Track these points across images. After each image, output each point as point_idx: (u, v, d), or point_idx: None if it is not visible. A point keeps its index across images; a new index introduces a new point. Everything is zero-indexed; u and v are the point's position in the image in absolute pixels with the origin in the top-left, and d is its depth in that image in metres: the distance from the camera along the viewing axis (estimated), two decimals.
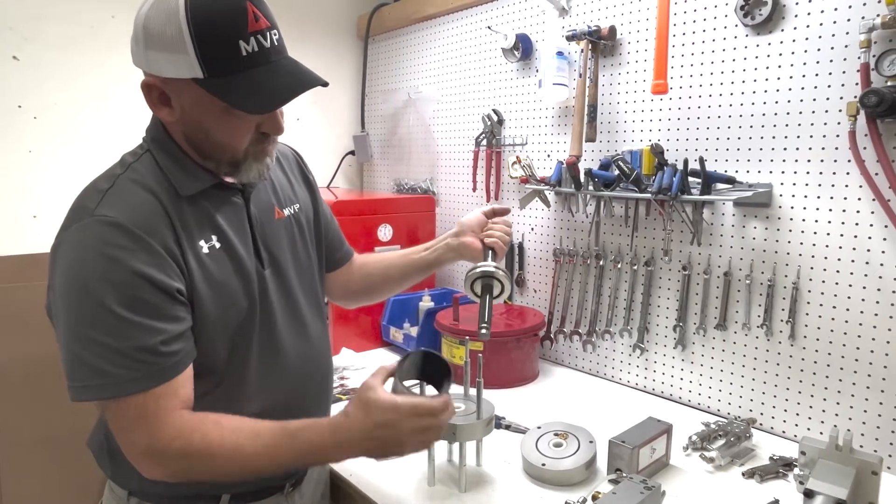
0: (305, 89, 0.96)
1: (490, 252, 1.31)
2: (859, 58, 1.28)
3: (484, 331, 1.19)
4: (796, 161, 1.42)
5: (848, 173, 1.34)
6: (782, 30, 1.42)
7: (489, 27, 2.06)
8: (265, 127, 1.00)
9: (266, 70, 0.93)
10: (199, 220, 1.01)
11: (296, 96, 0.95)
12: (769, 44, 1.45)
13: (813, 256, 1.41)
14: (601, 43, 1.74)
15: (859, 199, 1.33)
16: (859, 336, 1.35)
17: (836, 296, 1.38)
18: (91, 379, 0.90)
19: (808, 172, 1.41)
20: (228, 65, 0.90)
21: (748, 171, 1.51)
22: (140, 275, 0.90)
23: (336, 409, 1.48)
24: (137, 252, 0.91)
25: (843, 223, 1.36)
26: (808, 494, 1.07)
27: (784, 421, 1.49)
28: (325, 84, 0.98)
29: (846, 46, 1.32)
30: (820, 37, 1.36)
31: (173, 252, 0.95)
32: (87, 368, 0.90)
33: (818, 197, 1.39)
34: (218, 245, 1.02)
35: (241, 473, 0.96)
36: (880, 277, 1.31)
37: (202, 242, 1.00)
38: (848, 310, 1.37)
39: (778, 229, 1.46)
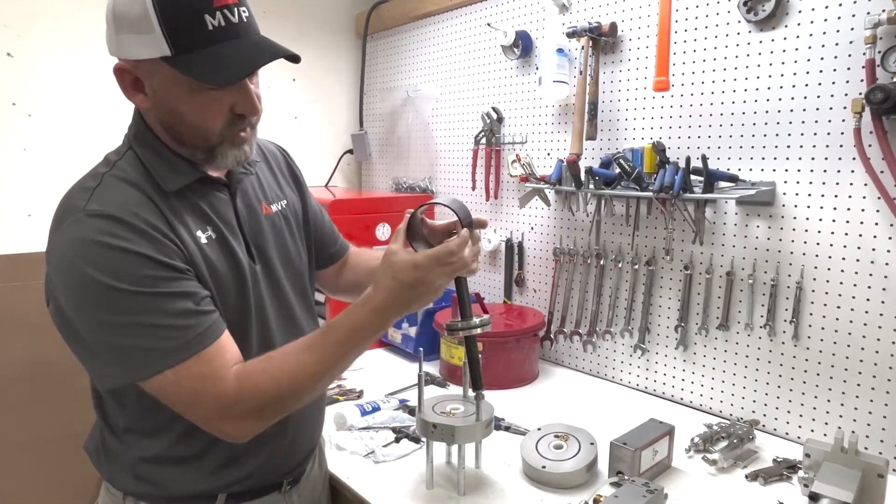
0: (268, 60, 0.93)
1: (459, 281, 1.14)
2: (864, 54, 1.26)
3: (480, 396, 1.16)
4: (800, 159, 1.40)
5: (853, 171, 1.32)
6: (786, 26, 1.40)
7: (489, 24, 2.04)
8: (239, 107, 0.96)
9: (232, 45, 0.91)
10: (192, 213, 1.00)
11: (259, 67, 0.93)
12: (772, 40, 1.43)
13: (817, 255, 1.39)
14: (602, 40, 1.72)
15: (864, 197, 1.31)
16: (864, 336, 1.34)
17: (840, 295, 1.37)
18: (132, 360, 0.89)
19: (812, 170, 1.39)
20: (194, 40, 0.89)
21: (751, 169, 1.49)
22: (142, 255, 0.89)
23: (331, 410, 1.49)
24: (134, 239, 0.89)
25: (847, 222, 1.34)
26: (814, 497, 1.05)
27: (788, 422, 1.47)
28: (294, 57, 0.95)
29: (851, 42, 1.30)
30: (824, 33, 1.34)
31: (171, 238, 0.94)
32: (124, 352, 0.89)
33: (822, 195, 1.38)
34: (214, 236, 1.01)
35: (313, 389, 1.00)
36: (885, 277, 1.30)
37: (199, 233, 0.99)
38: (853, 309, 1.35)
39: (781, 228, 1.45)
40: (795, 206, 1.42)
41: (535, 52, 1.96)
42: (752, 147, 1.48)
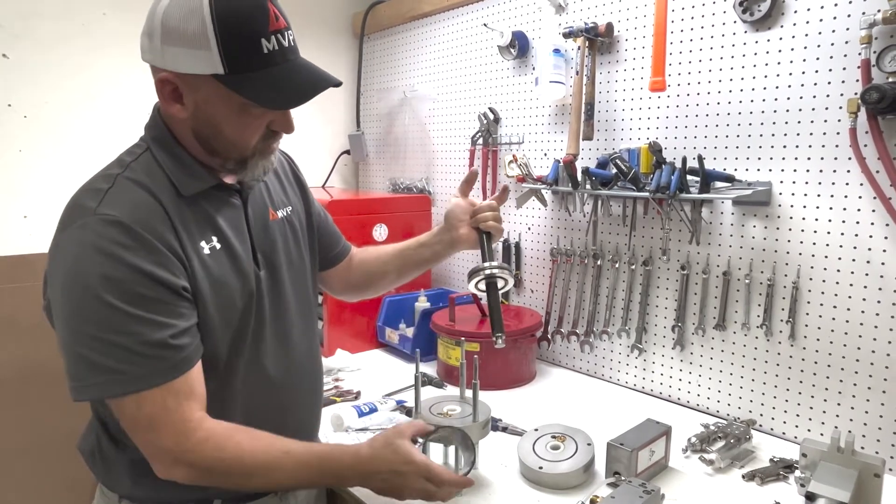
0: (324, 88, 0.98)
1: (486, 236, 1.30)
2: (860, 54, 1.26)
3: (500, 341, 1.17)
4: (796, 159, 1.41)
5: (848, 171, 1.32)
6: (781, 26, 1.40)
7: (485, 25, 2.04)
8: (276, 125, 1.01)
9: (284, 69, 0.95)
10: (199, 220, 1.00)
11: (316, 94, 0.97)
12: (768, 40, 1.43)
13: (813, 255, 1.39)
14: (598, 40, 1.72)
15: (860, 197, 1.31)
16: (860, 336, 1.34)
17: (836, 295, 1.37)
18: (96, 377, 0.90)
19: (808, 170, 1.39)
20: (249, 62, 0.91)
21: (747, 170, 1.49)
22: (142, 272, 0.90)
23: (328, 411, 1.48)
24: (139, 250, 0.90)
25: (843, 222, 1.34)
26: (810, 497, 1.05)
27: (784, 422, 1.47)
28: (338, 84, 1.00)
29: (846, 42, 1.30)
30: (820, 33, 1.34)
31: (176, 251, 0.95)
32: (92, 367, 0.89)
33: (818, 195, 1.38)
34: (218, 246, 1.02)
35: (264, 486, 1.00)
36: (881, 276, 1.30)
37: (203, 243, 1.00)
38: (849, 309, 1.35)
39: (777, 228, 1.45)
40: (792, 206, 1.42)
41: (532, 52, 1.96)
42: (749, 147, 1.49)
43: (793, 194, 1.42)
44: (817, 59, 1.35)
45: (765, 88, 1.44)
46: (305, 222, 1.25)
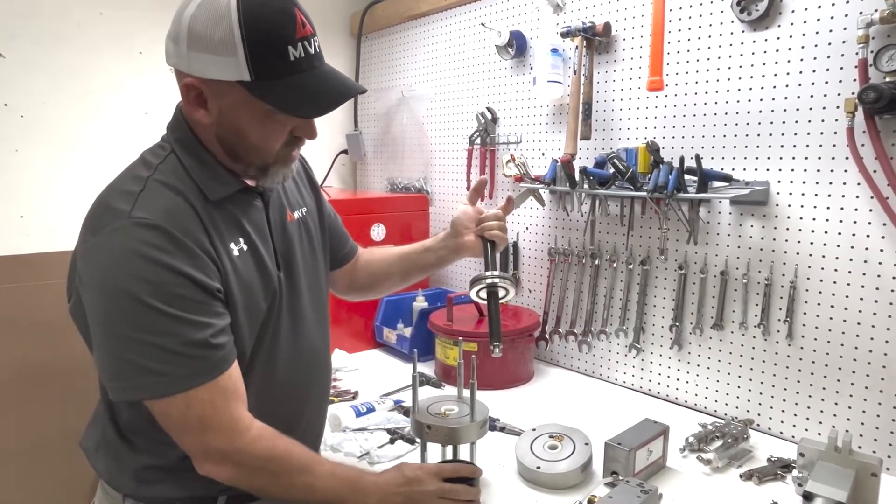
0: (351, 96, 1.00)
1: (490, 245, 1.31)
2: (857, 53, 1.26)
3: (497, 350, 1.19)
4: (793, 158, 1.41)
5: (846, 171, 1.32)
6: (779, 25, 1.41)
7: (483, 24, 2.04)
8: (299, 131, 1.01)
9: (310, 76, 0.94)
10: (227, 223, 1.01)
11: (343, 102, 0.98)
12: (766, 40, 1.43)
13: (811, 255, 1.40)
14: (596, 40, 1.72)
15: (857, 196, 1.32)
16: (858, 335, 1.34)
17: (833, 295, 1.37)
18: (141, 378, 0.90)
19: (805, 170, 1.39)
20: (276, 69, 0.91)
21: (745, 169, 1.49)
22: (181, 274, 0.90)
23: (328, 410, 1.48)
24: (176, 253, 0.91)
25: (840, 221, 1.34)
26: (808, 497, 1.05)
27: (782, 422, 1.47)
28: (364, 91, 1.02)
29: (844, 42, 1.31)
30: (817, 32, 1.35)
31: (210, 253, 0.95)
32: (136, 369, 0.90)
33: (816, 195, 1.38)
34: (245, 248, 1.03)
35: (302, 489, 1.00)
36: (878, 276, 1.30)
37: (232, 245, 1.01)
38: (846, 309, 1.35)
39: (775, 227, 1.45)
40: (789, 205, 1.42)
41: (530, 51, 1.96)
42: (746, 147, 1.49)
43: (790, 194, 1.42)
44: (815, 58, 1.35)
45: (762, 88, 1.44)
46: (318, 223, 1.26)
